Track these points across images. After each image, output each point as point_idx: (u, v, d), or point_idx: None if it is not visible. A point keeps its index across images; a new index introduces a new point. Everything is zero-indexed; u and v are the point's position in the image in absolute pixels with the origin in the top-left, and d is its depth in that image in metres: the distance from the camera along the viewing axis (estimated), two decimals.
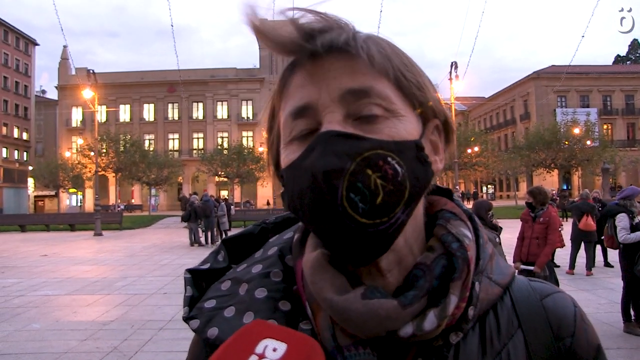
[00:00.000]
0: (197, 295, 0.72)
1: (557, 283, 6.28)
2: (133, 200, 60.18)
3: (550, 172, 44.50)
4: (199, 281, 0.74)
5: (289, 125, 0.64)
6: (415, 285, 0.62)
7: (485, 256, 0.70)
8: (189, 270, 0.75)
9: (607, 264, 11.64)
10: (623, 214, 6.98)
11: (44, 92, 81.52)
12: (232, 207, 25.30)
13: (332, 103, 0.61)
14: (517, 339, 0.68)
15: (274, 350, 0.52)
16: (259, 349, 0.52)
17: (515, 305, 0.71)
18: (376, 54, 0.62)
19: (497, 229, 6.46)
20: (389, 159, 0.58)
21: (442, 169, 0.70)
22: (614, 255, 8.64)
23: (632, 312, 6.64)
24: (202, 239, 19.75)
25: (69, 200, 63.49)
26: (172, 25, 24.10)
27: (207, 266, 0.76)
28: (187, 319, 0.70)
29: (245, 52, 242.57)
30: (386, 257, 0.63)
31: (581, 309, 0.74)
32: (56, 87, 64.87)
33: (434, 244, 0.67)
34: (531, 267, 6.24)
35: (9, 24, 63.43)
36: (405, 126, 0.63)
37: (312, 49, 0.61)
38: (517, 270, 0.76)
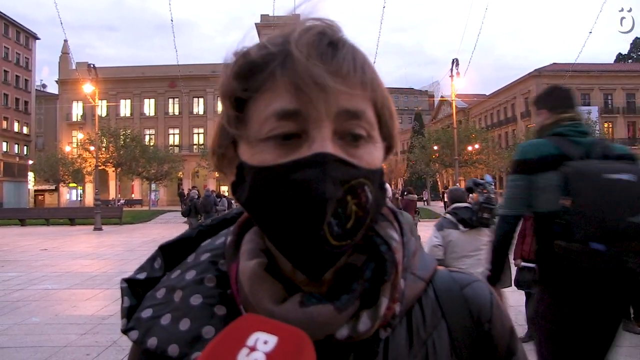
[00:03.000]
0: (135, 304, 0.72)
1: None
2: (133, 195, 60.20)
3: None
4: (136, 289, 0.74)
5: (269, 124, 0.61)
6: (350, 289, 0.64)
7: (409, 253, 0.73)
8: (126, 280, 0.74)
9: None
10: None
11: (44, 86, 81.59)
12: (232, 202, 25.26)
13: (326, 118, 0.60)
14: (440, 328, 0.72)
15: (265, 342, 0.53)
16: (250, 341, 0.54)
17: (438, 296, 0.74)
18: (370, 81, 0.64)
19: None
20: (366, 187, 0.60)
21: None
22: None
23: (631, 311, 6.64)
24: None
25: (69, 194, 63.52)
26: (172, 20, 23.93)
27: (144, 275, 0.75)
28: (125, 331, 0.69)
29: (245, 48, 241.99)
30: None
31: (496, 296, 0.78)
32: (57, 81, 64.85)
33: (362, 244, 0.68)
34: (533, 265, 6.20)
35: (9, 17, 63.37)
36: (378, 154, 0.65)
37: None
38: (442, 265, 0.78)
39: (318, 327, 0.61)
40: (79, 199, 62.23)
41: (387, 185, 0.71)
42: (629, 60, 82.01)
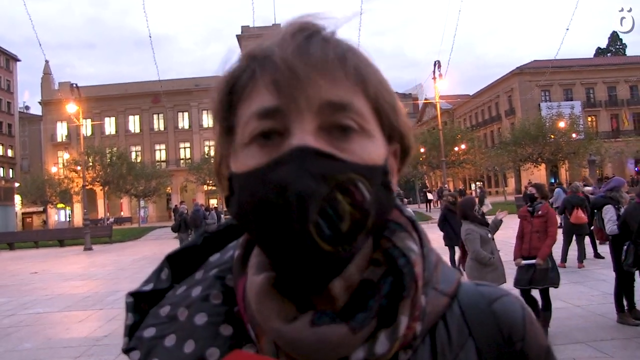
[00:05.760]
0: (138, 320, 0.68)
1: (558, 275, 6.28)
2: (122, 213, 59.75)
3: (537, 167, 44.82)
4: (141, 304, 0.69)
5: (252, 125, 0.58)
6: (366, 307, 0.59)
7: (430, 266, 0.67)
8: (131, 294, 0.70)
9: (597, 255, 11.71)
10: (609, 206, 7.03)
11: (27, 108, 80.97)
12: (222, 215, 25.17)
13: (308, 112, 0.56)
14: (468, 348, 0.66)
15: None
16: None
17: (465, 312, 0.68)
18: (357, 69, 0.59)
19: (488, 225, 6.46)
20: (360, 184, 0.55)
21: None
22: (604, 246, 8.69)
23: (625, 303, 6.69)
24: None
25: (57, 215, 62.93)
26: (150, 36, 23.67)
27: (150, 287, 0.71)
28: (126, 351, 0.65)
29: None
30: (337, 280, 0.60)
31: (530, 311, 0.72)
32: (40, 102, 64.41)
33: (379, 257, 0.63)
34: (533, 261, 6.23)
35: None
36: (376, 148, 0.60)
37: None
38: (462, 276, 0.71)
39: (331, 348, 0.56)
40: (68, 219, 61.72)
41: (396, 187, 0.64)
42: (608, 54, 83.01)
